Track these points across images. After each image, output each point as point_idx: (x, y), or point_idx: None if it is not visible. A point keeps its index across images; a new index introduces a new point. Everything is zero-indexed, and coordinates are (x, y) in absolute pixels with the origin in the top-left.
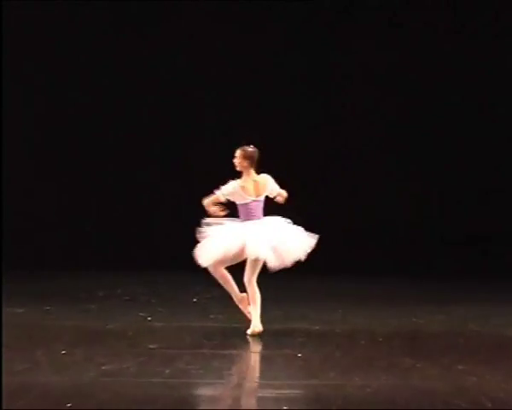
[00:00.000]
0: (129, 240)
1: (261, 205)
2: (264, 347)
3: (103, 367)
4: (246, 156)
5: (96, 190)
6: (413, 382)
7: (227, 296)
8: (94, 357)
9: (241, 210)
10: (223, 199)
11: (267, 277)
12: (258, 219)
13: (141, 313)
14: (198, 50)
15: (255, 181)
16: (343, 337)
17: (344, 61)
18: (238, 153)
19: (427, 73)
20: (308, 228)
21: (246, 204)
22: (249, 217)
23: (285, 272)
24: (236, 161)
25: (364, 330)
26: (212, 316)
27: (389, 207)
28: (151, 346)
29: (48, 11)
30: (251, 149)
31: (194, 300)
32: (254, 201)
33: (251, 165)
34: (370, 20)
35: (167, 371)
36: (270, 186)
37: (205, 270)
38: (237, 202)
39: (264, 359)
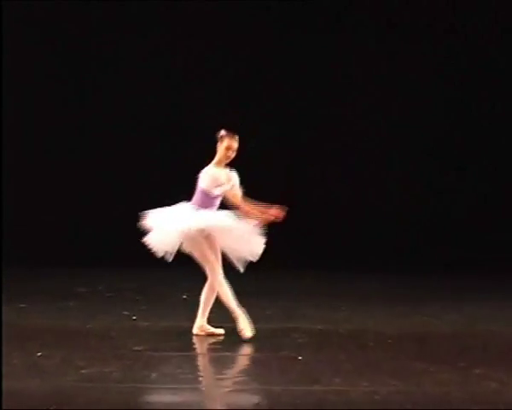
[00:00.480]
0: (111, 233)
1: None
2: (261, 349)
3: (83, 371)
4: None
5: (80, 185)
6: (425, 387)
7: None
8: (73, 360)
9: (206, 200)
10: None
11: (265, 273)
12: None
13: (125, 312)
14: (197, 50)
15: (227, 172)
16: (348, 338)
17: (344, 60)
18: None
19: (426, 73)
20: (310, 226)
21: (218, 196)
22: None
23: (285, 269)
24: (233, 154)
25: (371, 330)
26: None
27: (395, 202)
28: (136, 348)
29: (47, 10)
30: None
31: (184, 296)
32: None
33: None
34: (370, 20)
35: (153, 375)
36: (235, 184)
37: (194, 265)
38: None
39: (261, 362)
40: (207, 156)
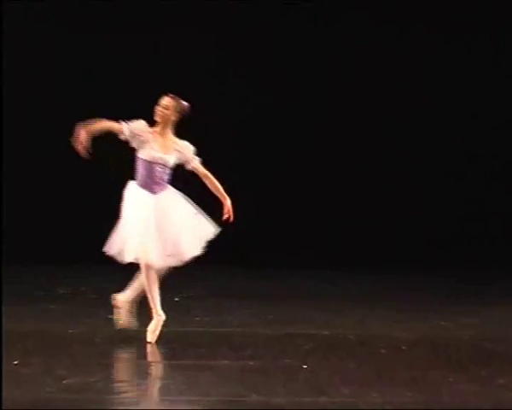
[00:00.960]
0: (95, 229)
1: (167, 172)
2: (261, 356)
3: (65, 381)
4: (180, 111)
5: (67, 183)
6: (443, 398)
7: (215, 295)
8: (54, 368)
9: (142, 168)
10: (124, 134)
11: (266, 274)
12: (159, 191)
13: (110, 316)
14: (195, 48)
15: (173, 141)
16: (358, 345)
17: (343, 60)
18: (171, 103)
19: (426, 73)
20: (313, 225)
21: (150, 162)
22: (150, 183)
23: (287, 268)
24: (162, 110)
25: (383, 335)
26: (197, 318)
27: (402, 201)
28: (123, 355)
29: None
30: (186, 103)
31: (176, 299)
32: (161, 162)
33: (176, 122)
34: (370, 20)
35: (142, 385)
36: (187, 154)
37: (188, 264)
38: (140, 156)
39: (261, 371)
40: (206, 157)
